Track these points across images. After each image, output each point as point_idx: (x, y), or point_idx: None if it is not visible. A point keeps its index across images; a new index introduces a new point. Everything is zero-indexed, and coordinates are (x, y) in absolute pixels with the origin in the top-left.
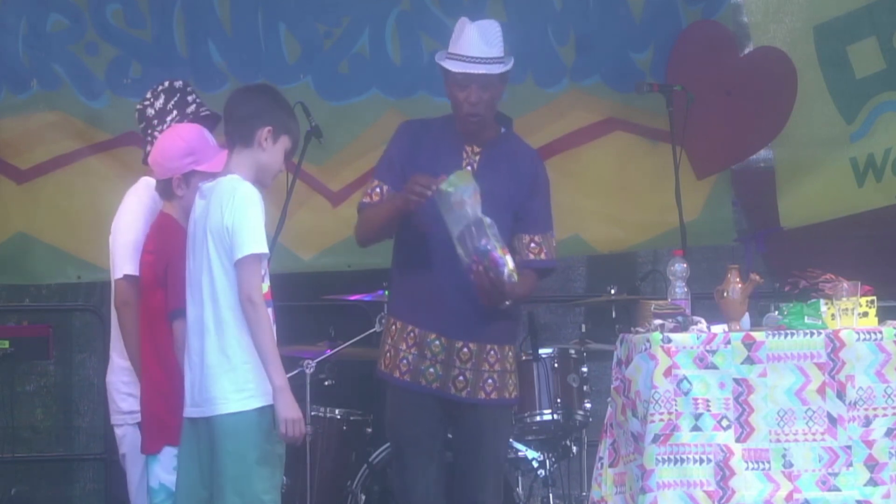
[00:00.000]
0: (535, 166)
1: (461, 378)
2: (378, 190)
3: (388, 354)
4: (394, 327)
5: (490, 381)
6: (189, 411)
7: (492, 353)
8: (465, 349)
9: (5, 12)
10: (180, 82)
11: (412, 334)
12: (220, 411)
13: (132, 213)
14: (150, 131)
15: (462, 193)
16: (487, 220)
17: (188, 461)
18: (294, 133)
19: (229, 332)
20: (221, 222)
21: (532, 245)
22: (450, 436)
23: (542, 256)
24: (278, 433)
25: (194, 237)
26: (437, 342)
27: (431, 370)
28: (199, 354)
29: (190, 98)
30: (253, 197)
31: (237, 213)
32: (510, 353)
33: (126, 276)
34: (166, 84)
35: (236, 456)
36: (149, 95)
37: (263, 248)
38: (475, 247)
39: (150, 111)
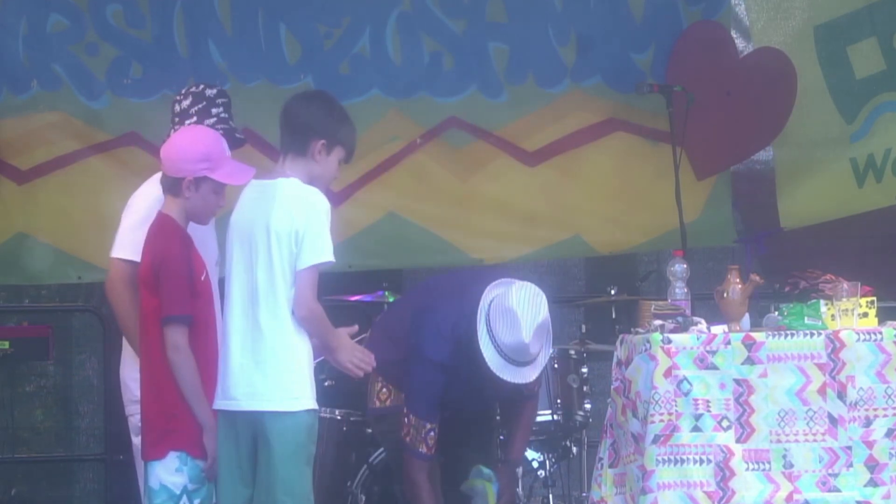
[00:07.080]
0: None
1: None
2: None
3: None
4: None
5: None
6: (225, 404)
7: None
8: None
9: (5, 12)
10: (215, 90)
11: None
12: (269, 408)
13: (143, 197)
14: (172, 126)
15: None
16: None
17: (228, 461)
18: (349, 142)
19: (286, 332)
20: (291, 226)
21: None
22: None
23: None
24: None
25: (244, 233)
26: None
27: None
28: (239, 350)
29: (214, 110)
30: (324, 205)
31: (309, 220)
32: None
33: (116, 259)
34: (200, 87)
35: (289, 457)
36: (183, 91)
37: (330, 257)
38: None
39: (177, 107)
